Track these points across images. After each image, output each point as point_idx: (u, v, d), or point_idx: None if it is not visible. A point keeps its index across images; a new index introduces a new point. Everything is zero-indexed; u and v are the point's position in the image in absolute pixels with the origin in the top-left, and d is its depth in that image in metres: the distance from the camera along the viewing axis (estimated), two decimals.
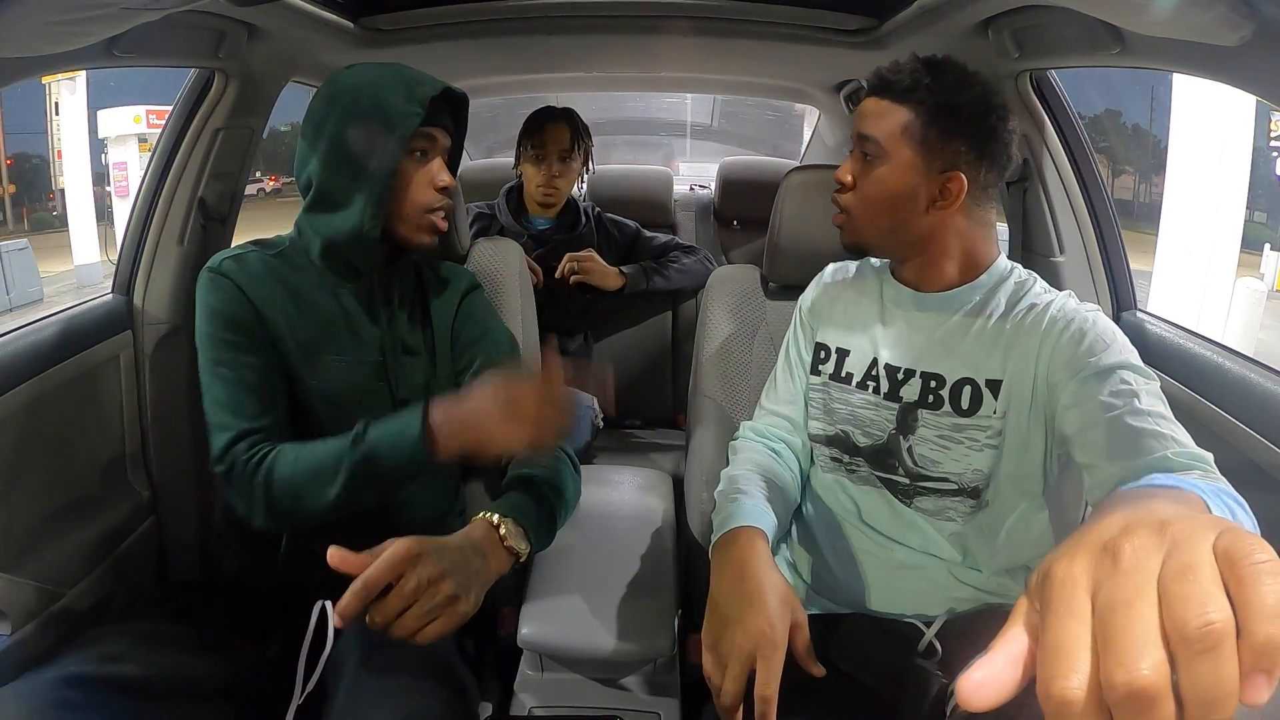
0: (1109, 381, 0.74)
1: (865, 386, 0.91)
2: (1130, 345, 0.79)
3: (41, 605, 0.99)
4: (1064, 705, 0.25)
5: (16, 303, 8.25)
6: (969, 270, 0.87)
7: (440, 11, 1.29)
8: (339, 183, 0.89)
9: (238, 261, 0.92)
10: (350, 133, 0.87)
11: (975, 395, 0.83)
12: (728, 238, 2.22)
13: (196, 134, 1.23)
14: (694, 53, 1.61)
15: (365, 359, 0.95)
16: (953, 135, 0.80)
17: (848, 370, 0.93)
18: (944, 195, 0.81)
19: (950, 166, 0.80)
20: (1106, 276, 1.18)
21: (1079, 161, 1.20)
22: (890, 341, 0.90)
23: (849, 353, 0.93)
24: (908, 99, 0.81)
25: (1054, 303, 0.83)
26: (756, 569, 0.76)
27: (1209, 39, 0.71)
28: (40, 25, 0.71)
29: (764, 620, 0.70)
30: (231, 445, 0.87)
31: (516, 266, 1.21)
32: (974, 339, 0.85)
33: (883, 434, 0.89)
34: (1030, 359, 0.81)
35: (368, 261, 0.93)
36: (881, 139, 0.82)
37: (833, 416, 0.93)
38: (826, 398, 0.94)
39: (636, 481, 1.22)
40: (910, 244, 0.87)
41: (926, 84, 0.80)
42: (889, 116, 0.82)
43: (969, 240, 0.86)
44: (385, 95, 0.87)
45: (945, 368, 0.85)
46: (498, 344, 1.02)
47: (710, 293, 1.21)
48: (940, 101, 0.80)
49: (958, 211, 0.83)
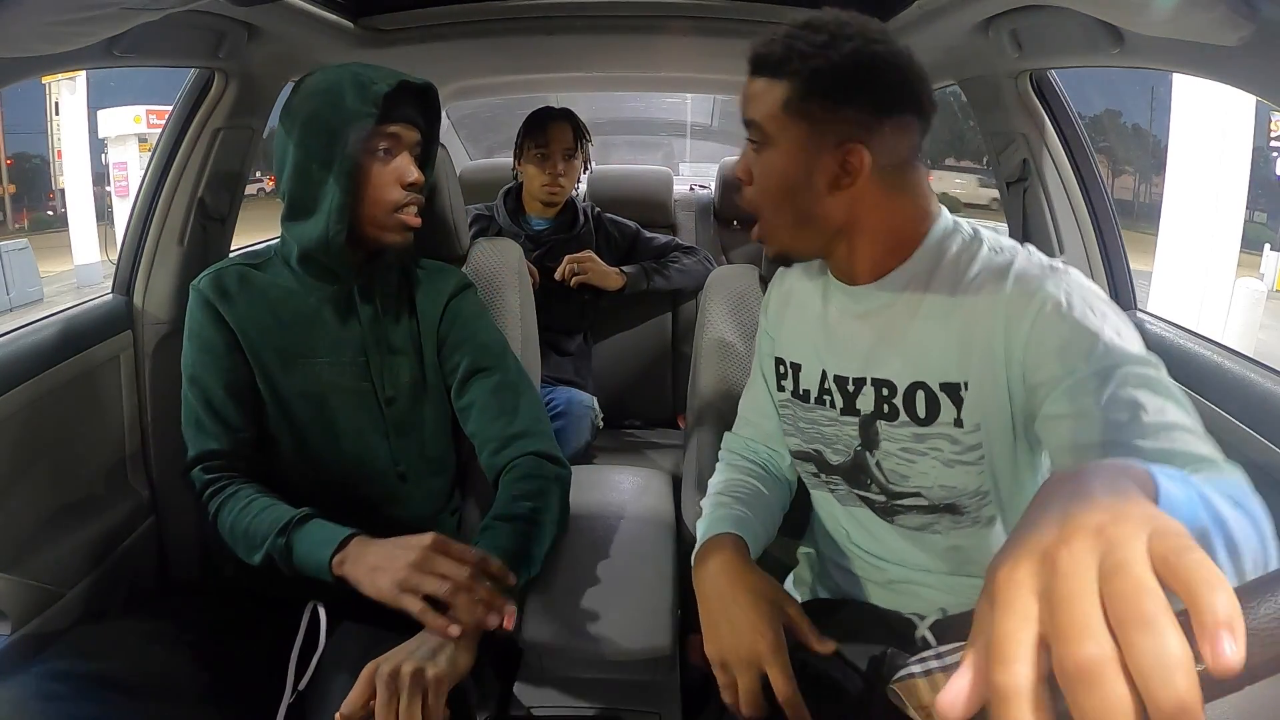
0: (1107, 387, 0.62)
1: (822, 402, 0.83)
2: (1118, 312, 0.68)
3: (41, 605, 0.99)
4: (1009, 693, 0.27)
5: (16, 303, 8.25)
6: (903, 247, 0.75)
7: (440, 11, 1.29)
8: (307, 189, 0.90)
9: (215, 279, 0.97)
10: (310, 139, 0.88)
11: (931, 401, 0.74)
12: (728, 238, 2.22)
13: (196, 134, 1.23)
14: (694, 53, 1.60)
15: (348, 360, 0.96)
16: (838, 102, 0.69)
17: (804, 386, 0.85)
18: (846, 171, 0.70)
19: (846, 138, 0.69)
20: (1106, 276, 1.18)
21: (1079, 161, 1.20)
22: (835, 349, 0.82)
23: (801, 367, 0.86)
24: (781, 72, 0.70)
25: (1011, 274, 0.70)
26: (736, 576, 0.75)
27: (1209, 39, 0.71)
28: (40, 25, 0.71)
29: (756, 629, 0.70)
30: (192, 465, 0.94)
31: (516, 267, 1.21)
32: (919, 335, 0.75)
33: (850, 450, 0.82)
34: (998, 360, 0.70)
35: (342, 265, 0.94)
36: (763, 121, 0.72)
37: (804, 435, 0.87)
38: (794, 415, 0.88)
39: (636, 481, 1.21)
40: (826, 234, 0.75)
41: (799, 50, 0.69)
42: (766, 95, 0.72)
43: (892, 215, 0.74)
44: (338, 97, 0.87)
45: (893, 372, 0.76)
46: (485, 347, 1.01)
47: (710, 293, 1.21)
48: (815, 68, 0.68)
49: (870, 185, 0.71)
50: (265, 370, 0.95)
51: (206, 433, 0.94)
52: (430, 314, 1.01)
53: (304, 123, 0.89)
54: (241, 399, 0.95)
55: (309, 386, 0.96)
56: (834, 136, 0.70)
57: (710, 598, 0.75)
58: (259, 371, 0.95)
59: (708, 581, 0.76)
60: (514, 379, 1.01)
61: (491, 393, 0.99)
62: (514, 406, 0.98)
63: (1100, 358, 0.63)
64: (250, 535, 0.87)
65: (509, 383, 1.00)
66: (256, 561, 0.86)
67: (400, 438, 0.98)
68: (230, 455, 0.94)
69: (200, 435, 0.94)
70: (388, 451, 0.98)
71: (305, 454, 0.97)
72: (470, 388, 0.99)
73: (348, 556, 0.80)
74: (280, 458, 0.97)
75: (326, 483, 0.97)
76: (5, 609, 0.94)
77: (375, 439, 0.98)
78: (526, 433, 0.97)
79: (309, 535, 0.84)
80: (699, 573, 0.78)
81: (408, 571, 0.75)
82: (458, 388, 1.00)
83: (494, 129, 2.90)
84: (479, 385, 0.99)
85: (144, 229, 1.24)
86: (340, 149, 0.87)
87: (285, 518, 0.85)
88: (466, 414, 1.00)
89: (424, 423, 1.01)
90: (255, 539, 0.86)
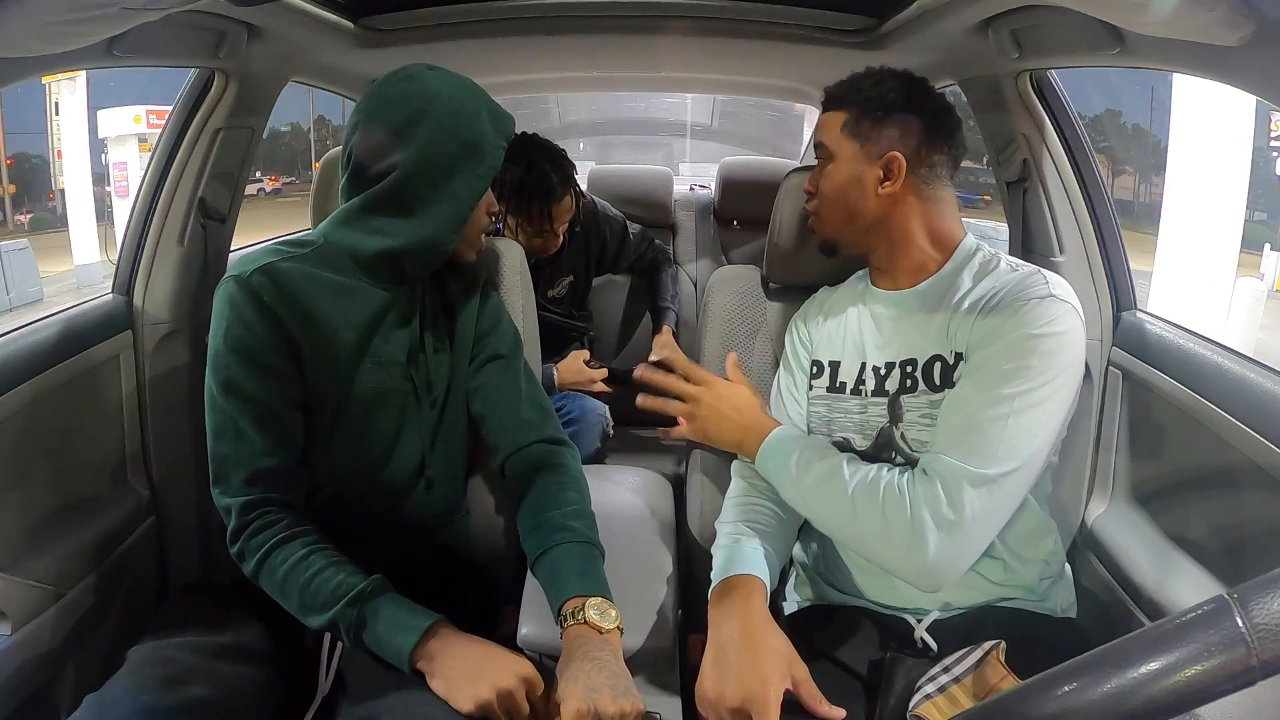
0: (978, 374, 0.81)
1: (858, 391, 0.94)
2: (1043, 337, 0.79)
3: (42, 605, 0.99)
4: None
5: (16, 303, 8.25)
6: (938, 247, 0.92)
7: (440, 11, 1.29)
8: (420, 190, 0.88)
9: (269, 275, 0.87)
10: (444, 148, 0.88)
11: (945, 370, 0.86)
12: (728, 238, 2.22)
13: (196, 134, 1.23)
14: (694, 53, 1.61)
15: (394, 360, 0.94)
16: (883, 123, 0.91)
17: (841, 379, 0.97)
18: (888, 175, 0.90)
19: (887, 149, 0.90)
20: (1106, 276, 1.18)
21: (1079, 161, 1.19)
22: (875, 345, 0.94)
23: (840, 363, 0.97)
24: (844, 103, 0.93)
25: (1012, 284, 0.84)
26: (754, 627, 0.78)
27: (1209, 39, 0.71)
28: (40, 25, 0.71)
29: (759, 678, 0.73)
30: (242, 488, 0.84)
31: (518, 267, 1.21)
32: (942, 319, 0.88)
33: (877, 430, 0.91)
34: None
35: (426, 270, 0.95)
36: (828, 142, 0.94)
37: (831, 427, 0.96)
38: (826, 410, 0.97)
39: (637, 482, 1.21)
40: (870, 229, 0.93)
41: (859, 87, 0.93)
42: (832, 122, 0.94)
43: (928, 217, 0.92)
44: (478, 123, 0.89)
45: (918, 350, 0.89)
46: (505, 336, 1.04)
47: (711, 293, 1.21)
48: (869, 97, 0.92)
49: (908, 191, 0.90)
50: (329, 371, 0.90)
51: (250, 448, 0.85)
52: (469, 309, 1.02)
53: (437, 130, 0.86)
54: (292, 408, 0.88)
55: (365, 388, 0.92)
56: (878, 148, 0.90)
57: (721, 638, 0.78)
58: (320, 373, 0.89)
59: (723, 623, 0.80)
60: (527, 369, 1.05)
61: (506, 376, 1.01)
62: (526, 391, 1.02)
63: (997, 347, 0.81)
64: (309, 596, 0.80)
65: (522, 369, 1.04)
66: (315, 625, 0.80)
67: (432, 438, 0.98)
68: (279, 475, 0.86)
69: (239, 451, 0.85)
70: (419, 453, 0.97)
71: (342, 454, 0.94)
72: (484, 371, 1.01)
73: (433, 654, 0.77)
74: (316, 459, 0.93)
75: (355, 482, 0.95)
76: (5, 609, 0.94)
77: (410, 439, 0.96)
78: (537, 419, 1.00)
79: (387, 614, 0.79)
80: (715, 609, 0.82)
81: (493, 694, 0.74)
82: (474, 371, 1.02)
83: None
84: (493, 368, 1.01)
85: (144, 229, 1.24)
86: (473, 171, 0.89)
87: (356, 585, 0.79)
88: (476, 394, 1.01)
89: (451, 423, 1.01)
90: (315, 602, 0.80)
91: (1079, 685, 0.37)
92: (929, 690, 0.76)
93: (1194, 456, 0.99)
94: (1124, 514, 1.09)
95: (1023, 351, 0.78)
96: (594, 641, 0.78)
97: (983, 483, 0.76)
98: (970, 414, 0.79)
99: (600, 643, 0.78)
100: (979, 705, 0.42)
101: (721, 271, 1.25)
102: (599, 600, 0.81)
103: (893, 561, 0.79)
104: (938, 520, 0.75)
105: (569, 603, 0.81)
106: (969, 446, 0.77)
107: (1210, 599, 0.36)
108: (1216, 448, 0.91)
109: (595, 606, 0.80)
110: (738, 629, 0.78)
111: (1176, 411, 0.99)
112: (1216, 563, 0.92)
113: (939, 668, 0.77)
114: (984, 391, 0.79)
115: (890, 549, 0.78)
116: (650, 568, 1.00)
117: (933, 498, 0.76)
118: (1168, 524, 1.03)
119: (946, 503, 0.75)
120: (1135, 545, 1.03)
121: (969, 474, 0.76)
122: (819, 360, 1.00)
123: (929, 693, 0.75)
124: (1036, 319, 0.79)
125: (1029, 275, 0.84)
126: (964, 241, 0.92)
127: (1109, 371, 1.13)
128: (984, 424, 0.77)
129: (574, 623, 0.80)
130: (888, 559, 0.80)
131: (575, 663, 0.75)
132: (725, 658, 0.76)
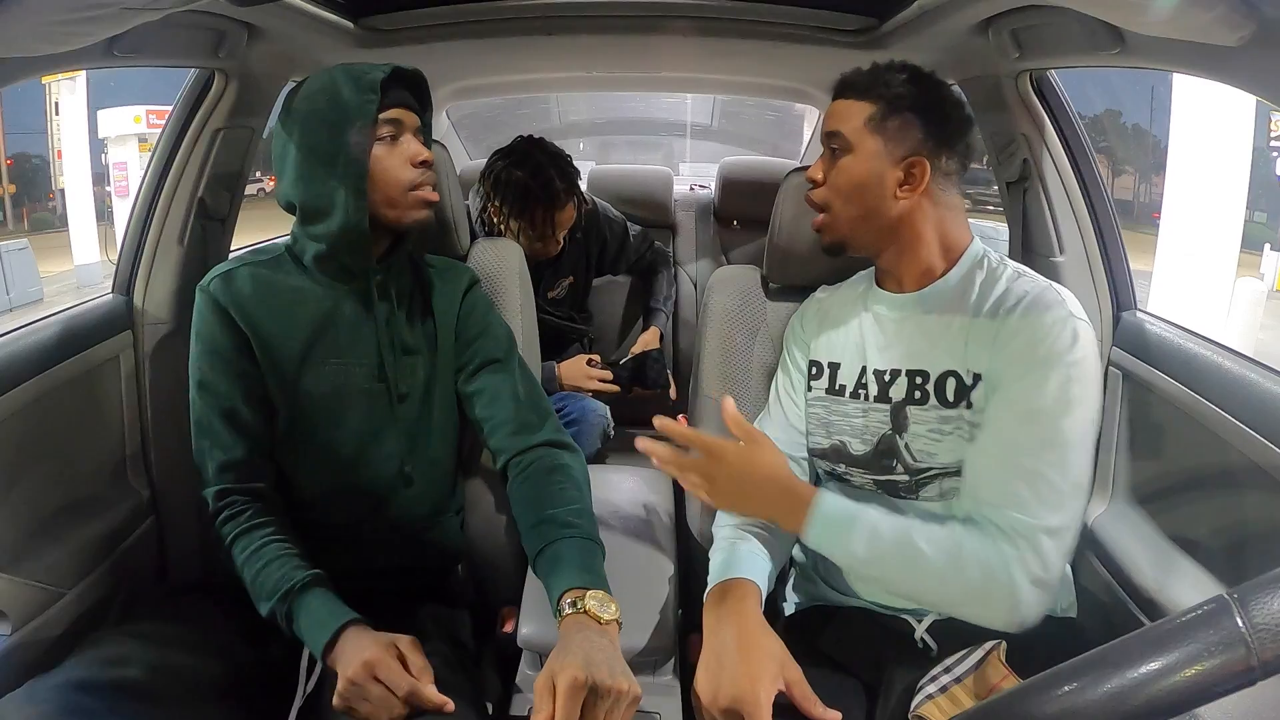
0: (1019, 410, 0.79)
1: (858, 395, 0.93)
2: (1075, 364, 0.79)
3: (42, 605, 0.99)
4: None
5: (16, 303, 8.25)
6: (946, 252, 0.90)
7: (440, 11, 1.29)
8: (318, 189, 0.90)
9: (225, 280, 0.95)
10: (313, 139, 0.89)
11: (960, 388, 0.85)
12: (728, 238, 2.22)
13: (196, 134, 1.22)
14: (694, 53, 1.60)
15: (362, 360, 0.95)
16: (911, 124, 0.86)
17: (840, 382, 0.96)
18: (909, 179, 0.86)
19: (912, 152, 0.86)
20: (1106, 276, 1.18)
21: (1079, 161, 1.19)
22: (877, 348, 0.93)
23: (840, 365, 0.96)
24: (869, 94, 0.88)
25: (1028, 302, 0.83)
26: (748, 630, 0.79)
27: (1209, 39, 0.71)
28: (40, 25, 0.71)
29: (753, 680, 0.73)
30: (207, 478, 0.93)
31: (517, 266, 1.21)
32: (956, 332, 0.87)
33: (878, 436, 0.90)
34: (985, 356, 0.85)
35: (366, 257, 0.94)
36: (847, 133, 0.88)
37: (829, 429, 0.95)
38: (825, 412, 0.96)
39: (637, 481, 1.21)
40: (884, 231, 0.90)
41: (886, 80, 0.88)
42: (853, 112, 0.88)
43: (941, 223, 0.90)
44: (335, 94, 0.89)
45: (928, 363, 0.88)
46: (498, 340, 1.03)
47: (711, 293, 1.21)
48: (898, 94, 0.87)
49: (924, 196, 0.87)
50: (279, 373, 0.94)
51: (219, 442, 0.92)
52: (447, 312, 1.01)
53: (304, 125, 0.89)
54: (255, 404, 0.94)
55: (322, 388, 0.95)
56: (903, 150, 0.86)
57: (716, 641, 0.79)
58: (272, 375, 0.94)
59: (718, 626, 0.80)
60: (524, 370, 1.04)
61: (503, 380, 1.01)
62: (525, 394, 1.01)
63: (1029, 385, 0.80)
64: (257, 586, 0.86)
65: (520, 373, 1.03)
66: (264, 613, 0.85)
67: (410, 439, 0.98)
68: (245, 465, 0.93)
69: (212, 444, 0.93)
70: (396, 452, 0.98)
71: (313, 455, 0.96)
72: (481, 376, 1.01)
73: (338, 654, 0.80)
74: (287, 459, 0.97)
75: (332, 483, 0.97)
76: (5, 609, 0.94)
77: (385, 440, 0.97)
78: (538, 422, 0.99)
79: (310, 610, 0.83)
80: (710, 611, 0.83)
81: (343, 684, 0.76)
82: (468, 376, 1.01)
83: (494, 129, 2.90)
84: (490, 373, 1.01)
85: (144, 229, 1.24)
86: (344, 143, 0.88)
87: (289, 582, 0.84)
88: (475, 399, 1.01)
89: (433, 424, 1.01)
90: (261, 592, 0.86)
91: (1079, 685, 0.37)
92: (930, 690, 0.76)
93: (1194, 456, 0.99)
94: (1124, 514, 1.09)
95: (1060, 383, 0.78)
96: (592, 629, 0.77)
97: (1058, 531, 0.76)
98: (1028, 461, 0.78)
99: (599, 631, 0.78)
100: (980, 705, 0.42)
101: (721, 271, 1.25)
102: (599, 593, 0.81)
103: (986, 619, 0.78)
104: (1032, 579, 0.75)
105: (568, 594, 0.81)
106: (1038, 498, 0.76)
107: (1210, 599, 0.36)
108: (1216, 448, 0.91)
109: (595, 598, 0.80)
110: (732, 632, 0.78)
111: (1176, 411, 0.99)
112: (1216, 563, 0.92)
113: (940, 668, 0.77)
114: (1034, 434, 0.78)
115: (987, 610, 0.77)
116: (650, 568, 1.00)
117: (1020, 559, 0.75)
118: (1168, 524, 1.03)
119: (1036, 562, 0.75)
120: (1135, 545, 1.03)
121: (1046, 528, 0.76)
122: (818, 361, 0.99)
123: (930, 693, 0.76)
124: (1065, 346, 0.79)
125: (1043, 292, 0.83)
126: (971, 246, 0.91)
127: (1109, 372, 1.13)
128: (1045, 471, 0.77)
129: (573, 612, 0.80)
130: (981, 618, 0.78)
131: (573, 642, 0.75)
132: (719, 660, 0.77)
